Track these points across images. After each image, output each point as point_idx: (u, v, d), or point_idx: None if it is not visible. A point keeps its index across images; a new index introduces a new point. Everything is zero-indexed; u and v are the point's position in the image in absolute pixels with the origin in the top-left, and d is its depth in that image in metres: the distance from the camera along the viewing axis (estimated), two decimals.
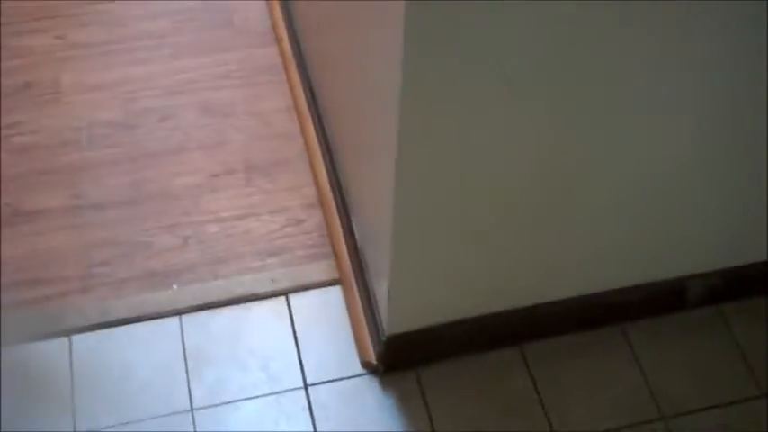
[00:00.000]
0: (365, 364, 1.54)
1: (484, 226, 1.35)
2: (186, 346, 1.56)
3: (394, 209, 1.29)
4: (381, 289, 1.45)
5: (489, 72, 1.13)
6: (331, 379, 1.53)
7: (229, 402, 1.50)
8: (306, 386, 1.52)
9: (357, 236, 1.60)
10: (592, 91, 1.20)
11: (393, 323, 1.47)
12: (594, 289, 1.53)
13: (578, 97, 1.20)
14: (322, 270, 1.66)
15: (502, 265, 1.43)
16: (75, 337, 1.58)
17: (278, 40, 1.97)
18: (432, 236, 1.34)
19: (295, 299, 1.63)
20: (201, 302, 1.61)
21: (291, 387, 1.52)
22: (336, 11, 1.51)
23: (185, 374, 1.53)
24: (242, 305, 1.61)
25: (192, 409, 1.49)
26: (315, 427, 1.48)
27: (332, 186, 1.71)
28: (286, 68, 1.93)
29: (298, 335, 1.58)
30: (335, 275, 1.65)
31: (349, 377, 1.53)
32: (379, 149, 1.30)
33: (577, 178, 1.33)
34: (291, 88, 1.89)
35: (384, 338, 1.48)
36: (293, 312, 1.61)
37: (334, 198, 1.70)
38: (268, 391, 1.51)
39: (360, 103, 1.44)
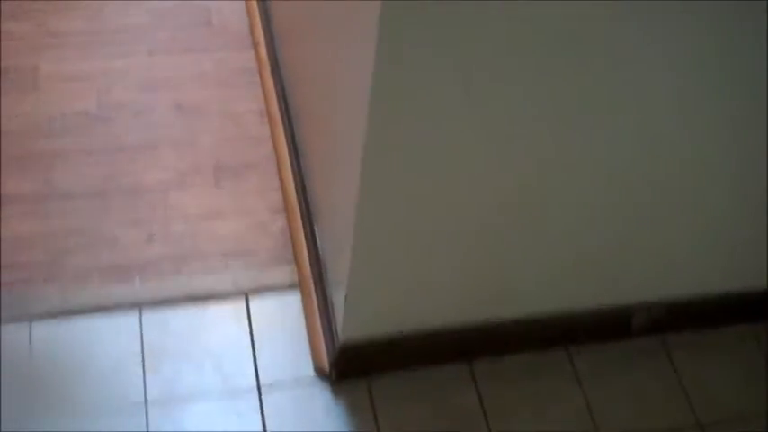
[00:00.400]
0: (318, 370, 1.58)
1: (442, 242, 1.39)
2: (144, 341, 1.60)
3: (356, 219, 1.33)
4: (339, 297, 1.49)
5: (456, 89, 1.17)
6: (284, 382, 1.57)
7: (183, 399, 1.53)
8: (259, 388, 1.56)
9: (319, 242, 1.64)
10: (552, 116, 1.25)
11: (347, 331, 1.51)
12: (546, 311, 1.58)
13: (539, 121, 1.24)
14: (283, 274, 1.70)
15: (458, 281, 1.48)
16: (36, 324, 1.61)
17: (255, 44, 2.01)
18: (391, 248, 1.38)
19: (254, 301, 1.66)
20: (162, 298, 1.65)
21: (244, 388, 1.56)
22: (310, 19, 1.54)
23: (141, 369, 1.57)
24: (202, 304, 1.65)
25: (145, 403, 1.52)
26: (265, 428, 1.52)
27: (297, 192, 1.75)
28: (261, 72, 1.96)
29: (254, 337, 1.62)
30: (296, 280, 1.69)
31: (302, 382, 1.57)
32: (345, 160, 1.34)
33: (536, 200, 1.37)
34: (265, 92, 1.93)
35: (338, 346, 1.53)
36: (251, 314, 1.65)
37: (299, 204, 1.74)
38: (221, 391, 1.55)
39: (328, 113, 1.48)
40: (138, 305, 1.63)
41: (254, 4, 2.06)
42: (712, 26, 1.15)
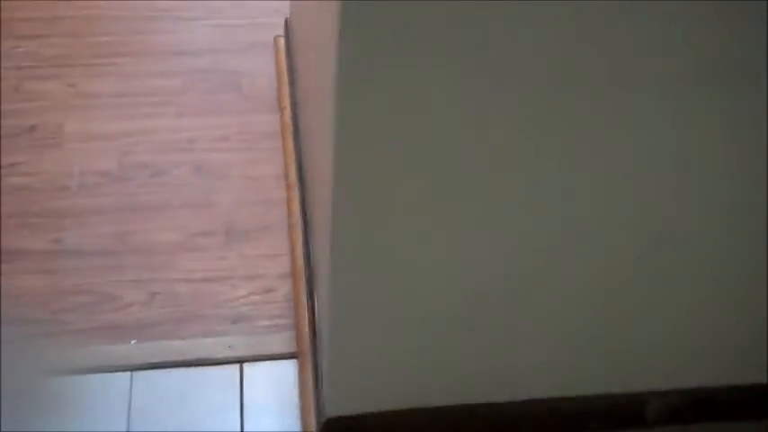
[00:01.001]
0: None
1: (424, 319, 1.32)
2: (132, 404, 1.56)
3: (331, 291, 1.28)
4: (326, 369, 1.43)
5: (427, 168, 1.12)
6: None
7: None
8: None
9: (317, 311, 1.58)
10: (538, 183, 1.18)
11: (332, 406, 1.44)
12: (546, 394, 1.48)
13: (524, 189, 1.18)
14: (282, 342, 1.64)
15: (448, 360, 1.40)
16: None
17: (281, 108, 1.99)
18: (369, 322, 1.31)
19: (249, 368, 1.61)
20: (156, 361, 1.61)
21: None
22: (312, 85, 1.52)
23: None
24: (195, 369, 1.60)
25: None
26: None
27: (305, 259, 1.70)
28: (284, 136, 1.94)
29: (245, 406, 1.56)
30: (294, 349, 1.63)
31: None
32: (322, 225, 1.29)
33: (528, 275, 1.30)
34: (285, 156, 1.90)
35: (322, 422, 1.45)
36: (244, 382, 1.59)
37: (305, 271, 1.69)
38: None
39: (320, 179, 1.44)
40: (131, 367, 1.60)
41: (284, 70, 2.04)
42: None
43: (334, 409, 1.44)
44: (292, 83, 1.99)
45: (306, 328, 1.62)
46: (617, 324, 1.40)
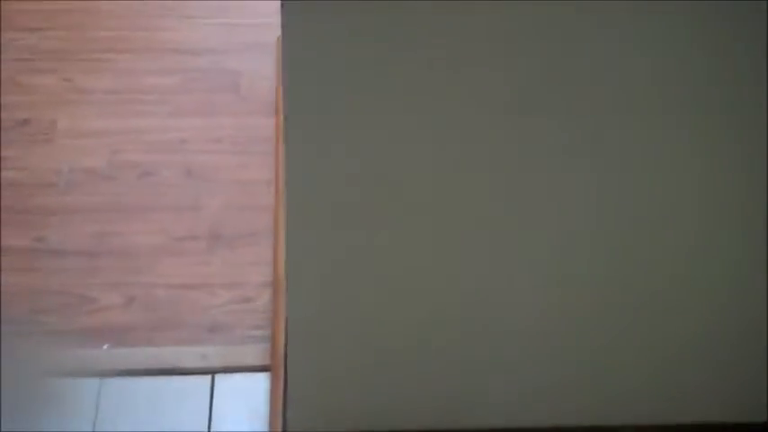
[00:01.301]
0: None
1: (384, 340, 1.27)
2: (99, 410, 1.53)
3: (290, 308, 1.24)
4: (289, 387, 1.39)
5: (387, 179, 1.08)
6: None
7: None
8: None
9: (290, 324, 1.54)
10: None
11: (295, 423, 1.40)
12: (521, 425, 1.42)
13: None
14: (256, 354, 1.61)
15: (414, 383, 1.35)
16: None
17: (278, 112, 1.95)
18: (328, 341, 1.27)
19: (220, 379, 1.57)
20: (126, 368, 1.57)
21: None
22: None
23: None
24: (166, 377, 1.57)
25: None
26: None
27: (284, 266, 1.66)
28: (278, 141, 1.90)
29: (213, 419, 1.53)
30: (268, 362, 1.59)
31: None
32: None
33: (496, 297, 1.25)
34: (277, 162, 1.86)
35: None
36: (215, 393, 1.55)
37: (286, 282, 1.65)
38: None
39: None
40: (101, 373, 1.57)
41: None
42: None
43: (299, 425, 1.40)
44: None
45: (282, 341, 1.58)
46: (593, 352, 1.34)
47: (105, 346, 1.60)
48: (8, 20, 2.07)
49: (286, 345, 1.54)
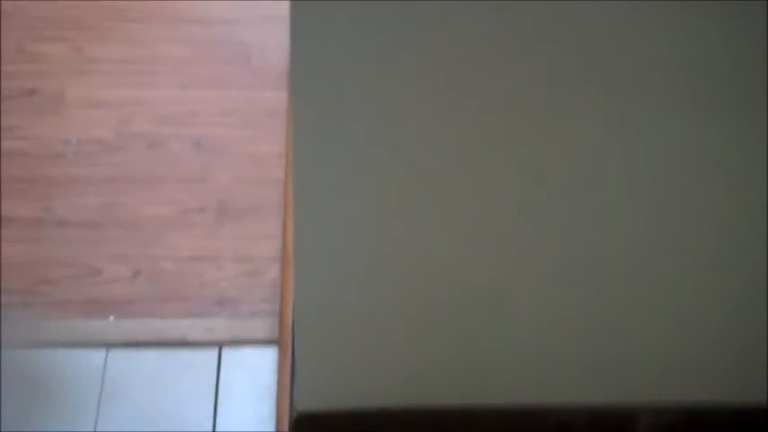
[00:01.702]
0: None
1: (395, 316, 1.24)
2: (105, 381, 1.51)
3: (297, 281, 1.21)
4: (298, 362, 1.37)
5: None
6: None
7: None
8: None
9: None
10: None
11: (304, 400, 1.37)
12: (530, 402, 1.39)
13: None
14: (264, 328, 1.59)
15: (422, 358, 1.32)
16: (3, 352, 1.55)
17: (289, 84, 1.92)
18: (334, 316, 1.24)
19: (227, 353, 1.55)
20: (132, 340, 1.56)
21: None
22: None
23: (95, 411, 1.48)
24: (172, 349, 1.55)
25: None
26: None
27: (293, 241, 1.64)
28: (288, 113, 1.87)
29: (219, 393, 1.51)
30: (276, 336, 1.57)
31: None
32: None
33: (507, 274, 1.22)
34: (288, 135, 1.84)
35: (294, 416, 1.39)
36: (222, 367, 1.54)
37: (293, 253, 1.63)
38: None
39: None
40: (107, 344, 1.55)
41: None
42: None
43: (307, 403, 1.38)
44: None
45: (290, 316, 1.56)
46: (606, 329, 1.31)
47: (111, 318, 1.58)
48: None
49: (293, 320, 1.52)
